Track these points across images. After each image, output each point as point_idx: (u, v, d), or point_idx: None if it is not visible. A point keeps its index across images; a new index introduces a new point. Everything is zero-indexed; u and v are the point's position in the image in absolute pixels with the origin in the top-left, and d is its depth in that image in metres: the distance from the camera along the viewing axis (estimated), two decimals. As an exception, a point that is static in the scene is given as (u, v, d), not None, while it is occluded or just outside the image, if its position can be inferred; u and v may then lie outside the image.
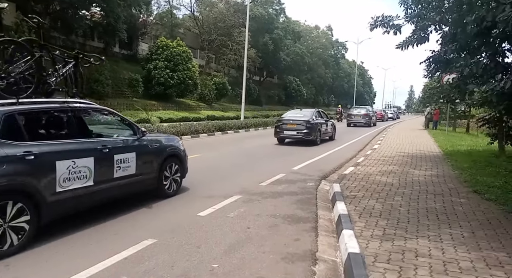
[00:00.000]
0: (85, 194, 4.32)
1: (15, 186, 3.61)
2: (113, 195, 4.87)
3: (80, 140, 4.44)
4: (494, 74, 6.85)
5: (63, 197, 4.04)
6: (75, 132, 4.54)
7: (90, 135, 4.78)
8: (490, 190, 6.24)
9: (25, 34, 17.28)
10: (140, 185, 5.30)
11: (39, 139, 4.15)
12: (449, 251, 3.66)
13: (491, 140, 11.44)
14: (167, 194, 5.79)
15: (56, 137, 4.46)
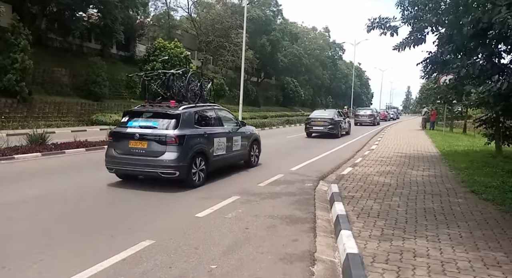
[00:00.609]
0: (222, 159, 7.55)
1: (202, 149, 6.74)
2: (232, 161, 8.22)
3: (220, 127, 7.67)
4: (490, 75, 6.89)
5: (215, 159, 7.19)
6: (217, 122, 7.72)
7: (222, 125, 7.85)
8: (488, 190, 6.27)
9: (21, 35, 17.24)
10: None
11: (206, 126, 7.22)
12: (447, 251, 3.67)
13: (488, 140, 11.50)
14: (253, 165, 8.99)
15: (211, 125, 7.49)
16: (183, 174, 6.33)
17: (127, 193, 6.18)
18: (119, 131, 6.77)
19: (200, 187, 6.64)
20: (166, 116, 6.58)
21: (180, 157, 6.26)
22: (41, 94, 19.42)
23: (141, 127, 6.52)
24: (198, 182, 6.63)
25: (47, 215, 4.86)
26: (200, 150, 6.70)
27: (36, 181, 6.91)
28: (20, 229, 4.30)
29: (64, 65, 21.89)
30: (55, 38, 23.96)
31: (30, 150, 9.66)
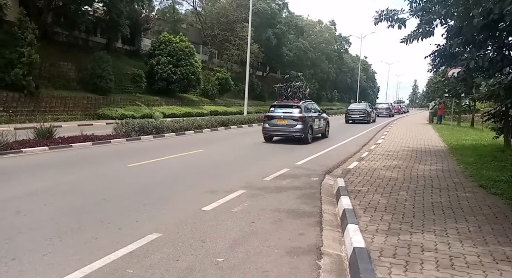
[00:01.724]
0: (317, 130, 14.12)
1: (311, 124, 13.29)
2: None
3: (315, 113, 14.04)
4: (501, 67, 6.77)
5: (315, 129, 13.73)
6: (313, 110, 14.12)
7: (315, 111, 14.21)
8: (496, 184, 6.20)
9: (28, 30, 17.31)
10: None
11: (310, 112, 13.55)
12: (455, 246, 3.64)
13: (497, 134, 11.34)
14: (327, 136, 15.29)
15: (312, 111, 13.86)
16: (305, 136, 12.56)
17: (135, 186, 6.22)
18: (271, 114, 12.96)
19: (205, 181, 6.66)
20: (294, 106, 12.88)
21: (304, 127, 12.49)
22: (47, 88, 19.56)
23: (283, 113, 12.81)
24: (310, 140, 12.83)
25: (55, 207, 4.91)
26: (310, 124, 12.93)
27: (44, 174, 6.98)
28: (29, 221, 4.35)
29: (70, 59, 21.99)
30: (61, 32, 24.04)
31: (38, 144, 9.74)
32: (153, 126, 13.78)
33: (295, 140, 12.75)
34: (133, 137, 12.61)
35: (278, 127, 12.74)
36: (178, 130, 15.00)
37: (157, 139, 13.36)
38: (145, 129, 13.41)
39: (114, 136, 12.29)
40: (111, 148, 10.89)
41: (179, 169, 7.87)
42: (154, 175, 7.23)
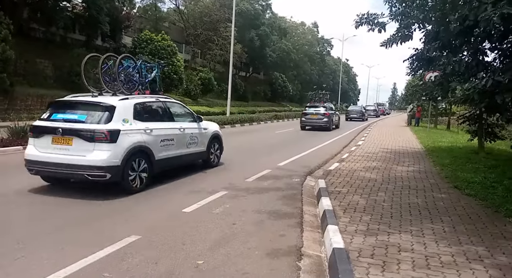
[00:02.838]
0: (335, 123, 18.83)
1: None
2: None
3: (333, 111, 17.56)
4: (475, 72, 7.01)
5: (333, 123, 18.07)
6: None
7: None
8: (470, 185, 6.40)
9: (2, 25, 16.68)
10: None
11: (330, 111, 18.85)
12: (431, 246, 3.73)
13: (471, 136, 11.74)
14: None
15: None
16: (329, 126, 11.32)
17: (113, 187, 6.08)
18: (306, 112, 15.04)
19: (185, 182, 6.58)
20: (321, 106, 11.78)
21: (328, 120, 11.38)
22: (23, 86, 18.88)
23: (314, 110, 12.64)
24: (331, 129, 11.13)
25: (29, 208, 4.74)
26: (332, 118, 11.29)
27: (16, 174, 6.72)
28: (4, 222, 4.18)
29: (47, 56, 21.30)
30: (38, 28, 23.25)
31: (11, 143, 9.39)
32: None
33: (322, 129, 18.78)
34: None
35: (311, 120, 19.22)
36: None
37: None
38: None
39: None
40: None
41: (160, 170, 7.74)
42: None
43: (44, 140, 5.47)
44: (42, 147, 5.47)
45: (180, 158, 6.94)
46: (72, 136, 5.31)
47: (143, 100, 6.39)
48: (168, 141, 6.48)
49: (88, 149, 5.27)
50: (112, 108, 5.54)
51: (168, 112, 6.96)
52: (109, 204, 5.11)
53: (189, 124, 7.37)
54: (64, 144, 5.34)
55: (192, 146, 7.31)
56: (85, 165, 5.21)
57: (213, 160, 8.17)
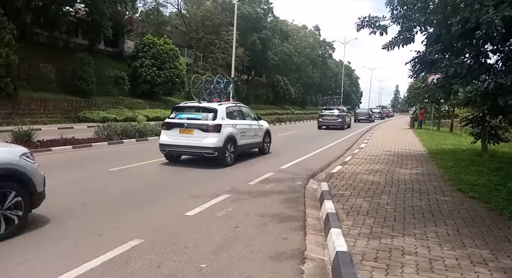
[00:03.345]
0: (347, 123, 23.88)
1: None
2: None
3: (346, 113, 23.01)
4: (477, 75, 7.00)
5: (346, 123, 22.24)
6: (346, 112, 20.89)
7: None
8: (474, 188, 6.37)
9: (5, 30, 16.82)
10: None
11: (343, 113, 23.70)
12: (434, 249, 3.71)
13: (474, 139, 11.69)
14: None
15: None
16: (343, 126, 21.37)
17: (116, 190, 6.10)
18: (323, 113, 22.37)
19: (189, 186, 6.60)
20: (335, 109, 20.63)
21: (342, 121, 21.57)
22: (26, 90, 19.00)
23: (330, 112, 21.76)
24: (345, 128, 18.45)
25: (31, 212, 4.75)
26: (345, 119, 19.17)
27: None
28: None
29: (51, 61, 21.45)
30: (41, 33, 23.45)
31: (15, 147, 9.43)
32: (136, 130, 13.58)
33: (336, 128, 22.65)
34: (115, 141, 12.38)
35: (327, 121, 23.14)
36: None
37: (140, 142, 13.16)
38: (128, 133, 13.19)
39: (95, 139, 12.04)
40: (92, 151, 10.66)
41: (162, 173, 7.77)
42: (136, 180, 7.11)
43: (174, 131, 8.64)
44: (173, 136, 8.63)
45: (250, 145, 10.13)
46: (193, 129, 8.47)
47: (229, 105, 9.53)
48: (244, 132, 9.53)
49: (203, 136, 8.39)
50: (215, 111, 8.63)
51: (241, 113, 9.92)
52: (112, 208, 5.12)
53: (252, 122, 10.27)
54: (188, 134, 8.51)
55: (255, 138, 10.31)
56: (202, 146, 8.37)
57: (266, 148, 10.99)
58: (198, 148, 8.38)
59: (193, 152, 8.63)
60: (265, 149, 10.45)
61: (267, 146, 10.51)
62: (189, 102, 9.61)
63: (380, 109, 53.34)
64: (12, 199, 3.90)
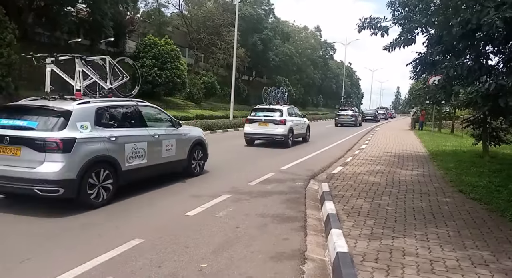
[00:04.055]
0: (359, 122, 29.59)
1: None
2: None
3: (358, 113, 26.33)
4: (478, 76, 6.99)
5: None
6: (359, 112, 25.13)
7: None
8: (475, 189, 6.36)
9: (7, 30, 16.85)
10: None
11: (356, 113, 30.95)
12: (435, 250, 3.71)
13: (475, 140, 11.67)
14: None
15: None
16: (356, 124, 25.80)
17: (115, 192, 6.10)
18: (339, 113, 28.47)
19: (189, 186, 6.59)
20: (350, 109, 27.58)
21: (355, 119, 26.11)
22: (28, 90, 18.98)
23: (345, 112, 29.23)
24: (358, 126, 22.85)
25: (34, 212, 4.76)
26: (357, 118, 25.62)
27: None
28: (7, 227, 4.19)
29: (52, 60, 21.47)
30: (42, 33, 23.48)
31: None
32: None
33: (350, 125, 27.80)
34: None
35: (343, 119, 28.35)
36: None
37: (141, 142, 13.15)
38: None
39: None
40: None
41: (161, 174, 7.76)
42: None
43: (255, 124, 12.88)
44: (254, 127, 12.61)
45: (299, 135, 13.89)
46: (268, 122, 12.63)
47: (289, 107, 13.31)
48: (297, 125, 13.55)
49: (275, 127, 12.54)
50: (282, 110, 12.52)
51: (294, 112, 13.85)
52: (112, 208, 5.13)
53: (300, 118, 14.38)
54: (265, 126, 12.82)
55: (302, 130, 13.59)
56: (275, 133, 12.42)
57: (307, 138, 13.73)
58: (272, 135, 12.31)
59: (268, 137, 12.53)
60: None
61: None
62: (262, 105, 13.88)
63: (384, 110, 59.77)
64: (201, 155, 7.66)
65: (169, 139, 6.62)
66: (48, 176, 4.59)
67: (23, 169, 4.63)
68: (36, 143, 4.64)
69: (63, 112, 4.91)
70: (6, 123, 4.86)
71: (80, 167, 4.78)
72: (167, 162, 6.57)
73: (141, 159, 5.85)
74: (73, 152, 4.73)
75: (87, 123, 5.08)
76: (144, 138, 5.96)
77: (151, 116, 6.66)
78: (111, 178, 5.27)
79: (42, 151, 4.62)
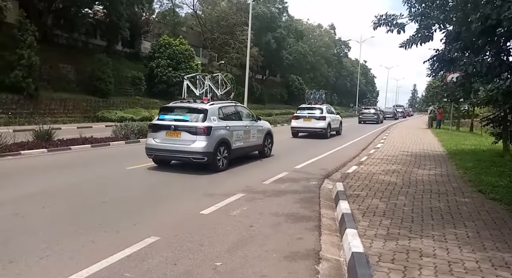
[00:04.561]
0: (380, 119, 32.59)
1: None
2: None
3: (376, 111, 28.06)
4: (499, 73, 6.81)
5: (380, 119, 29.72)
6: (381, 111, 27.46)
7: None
8: (495, 189, 6.20)
9: (27, 32, 17.33)
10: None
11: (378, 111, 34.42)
12: (454, 251, 3.63)
13: (496, 139, 11.36)
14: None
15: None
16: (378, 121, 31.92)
17: (133, 189, 6.20)
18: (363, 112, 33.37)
19: (203, 185, 6.65)
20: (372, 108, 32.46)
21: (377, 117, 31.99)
22: (47, 90, 19.54)
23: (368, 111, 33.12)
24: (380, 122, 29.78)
25: (53, 210, 4.89)
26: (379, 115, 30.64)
27: (42, 176, 6.96)
28: (27, 224, 4.33)
29: (70, 61, 22.00)
30: (61, 34, 24.06)
31: (36, 146, 9.73)
32: None
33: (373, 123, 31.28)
34: (132, 140, 12.59)
35: (366, 117, 31.70)
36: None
37: (156, 141, 13.33)
38: (144, 132, 13.34)
39: (113, 139, 12.27)
40: (110, 150, 10.88)
41: (177, 172, 7.85)
42: (153, 178, 7.22)
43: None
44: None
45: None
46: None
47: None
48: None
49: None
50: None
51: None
52: (131, 207, 5.22)
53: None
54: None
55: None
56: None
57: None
58: (315, 128, 12.02)
59: (311, 130, 12.15)
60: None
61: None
62: (305, 105, 14.73)
63: (402, 108, 60.96)
64: (270, 141, 10.20)
65: (254, 129, 9.35)
66: (198, 149, 7.41)
67: (183, 145, 7.51)
68: (191, 129, 7.49)
69: (203, 110, 7.73)
70: (170, 117, 7.86)
71: (214, 144, 7.55)
72: (252, 145, 9.36)
73: (240, 142, 8.65)
74: (211, 135, 7.50)
75: (216, 117, 7.87)
76: (241, 128, 8.77)
77: (243, 113, 9.39)
78: (227, 153, 7.99)
79: (194, 134, 7.45)
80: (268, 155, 10.07)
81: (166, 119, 7.84)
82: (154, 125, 7.95)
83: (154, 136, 7.81)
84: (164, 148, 7.62)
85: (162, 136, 7.68)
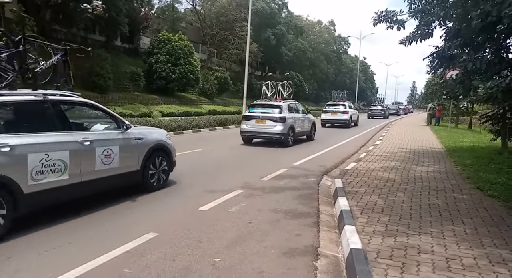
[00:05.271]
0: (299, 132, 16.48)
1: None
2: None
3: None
4: (498, 70, 6.79)
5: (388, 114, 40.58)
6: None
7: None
8: (493, 186, 6.21)
9: (27, 27, 17.21)
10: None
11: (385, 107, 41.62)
12: (451, 248, 3.65)
13: (494, 136, 11.39)
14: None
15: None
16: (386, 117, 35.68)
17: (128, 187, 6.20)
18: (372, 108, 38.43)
19: (203, 181, 6.65)
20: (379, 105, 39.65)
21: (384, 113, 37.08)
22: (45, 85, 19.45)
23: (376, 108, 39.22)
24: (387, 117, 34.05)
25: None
26: (385, 111, 35.21)
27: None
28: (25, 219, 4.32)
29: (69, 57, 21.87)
30: (59, 29, 23.91)
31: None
32: (151, 126, 13.75)
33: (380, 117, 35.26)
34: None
35: (374, 113, 36.43)
36: (176, 129, 14.99)
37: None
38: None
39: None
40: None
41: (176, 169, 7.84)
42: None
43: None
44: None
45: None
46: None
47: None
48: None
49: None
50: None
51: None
52: (127, 202, 5.21)
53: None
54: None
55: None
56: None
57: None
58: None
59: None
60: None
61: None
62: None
63: (404, 106, 65.63)
64: (314, 129, 14.19)
65: (306, 119, 13.41)
66: (278, 131, 11.33)
67: (267, 129, 11.44)
68: (272, 118, 11.38)
69: (279, 106, 11.68)
70: (257, 110, 11.81)
71: (287, 128, 11.43)
72: (305, 130, 13.40)
73: (299, 128, 12.56)
74: (285, 122, 11.36)
75: (287, 110, 11.70)
76: (299, 118, 12.71)
77: (299, 108, 13.27)
78: (292, 135, 11.95)
79: (275, 121, 11.34)
80: (312, 138, 13.81)
81: (255, 112, 11.79)
82: (246, 116, 11.90)
83: (246, 123, 11.75)
84: (254, 130, 11.69)
85: (252, 123, 11.65)
